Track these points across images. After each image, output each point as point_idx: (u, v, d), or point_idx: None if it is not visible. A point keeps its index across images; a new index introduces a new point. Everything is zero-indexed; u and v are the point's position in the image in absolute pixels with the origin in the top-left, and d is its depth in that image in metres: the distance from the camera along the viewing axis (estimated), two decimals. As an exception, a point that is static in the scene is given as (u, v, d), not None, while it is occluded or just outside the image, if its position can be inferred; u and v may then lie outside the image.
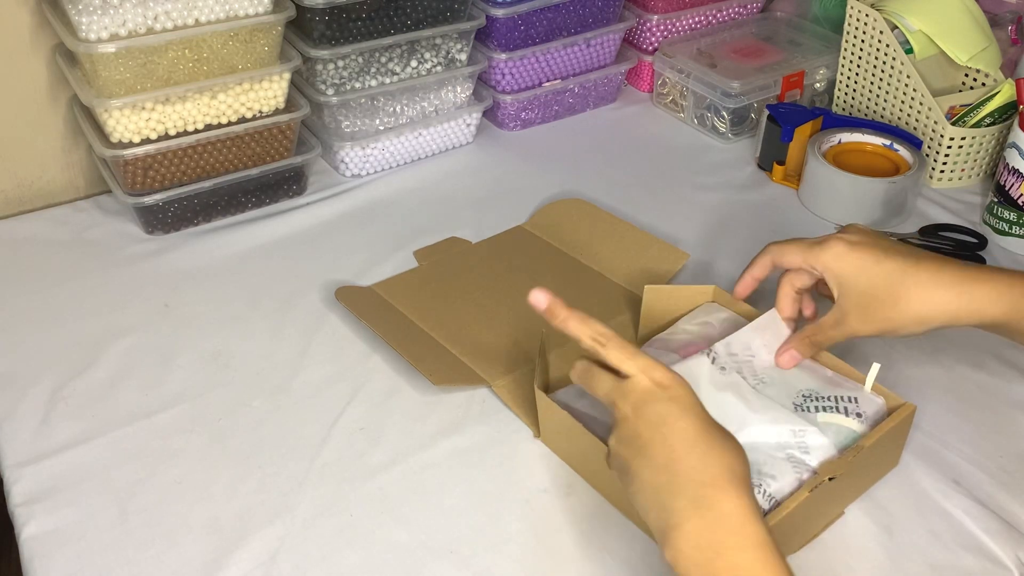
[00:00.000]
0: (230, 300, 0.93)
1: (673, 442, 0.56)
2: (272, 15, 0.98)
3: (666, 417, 0.57)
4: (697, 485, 0.54)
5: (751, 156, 1.19)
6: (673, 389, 0.58)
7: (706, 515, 0.53)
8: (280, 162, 1.06)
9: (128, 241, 1.02)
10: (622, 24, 1.25)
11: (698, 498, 0.54)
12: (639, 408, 0.58)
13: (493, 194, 1.11)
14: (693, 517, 0.53)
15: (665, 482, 0.55)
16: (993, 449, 0.77)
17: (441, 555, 0.68)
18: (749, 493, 0.55)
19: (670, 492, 0.55)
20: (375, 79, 1.09)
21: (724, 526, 0.53)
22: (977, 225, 1.06)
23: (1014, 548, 0.69)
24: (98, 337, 0.88)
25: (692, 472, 0.55)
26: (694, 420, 0.57)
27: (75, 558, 0.67)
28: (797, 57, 1.25)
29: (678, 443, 0.56)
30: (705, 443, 0.56)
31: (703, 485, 0.54)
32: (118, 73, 0.93)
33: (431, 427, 0.79)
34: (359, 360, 0.86)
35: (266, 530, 0.70)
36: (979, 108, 1.09)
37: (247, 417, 0.80)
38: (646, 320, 0.85)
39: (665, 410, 0.57)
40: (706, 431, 0.56)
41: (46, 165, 1.09)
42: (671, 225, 1.04)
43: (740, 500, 0.54)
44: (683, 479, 0.55)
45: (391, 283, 0.94)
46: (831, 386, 0.73)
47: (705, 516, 0.53)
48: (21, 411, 0.80)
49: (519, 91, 1.22)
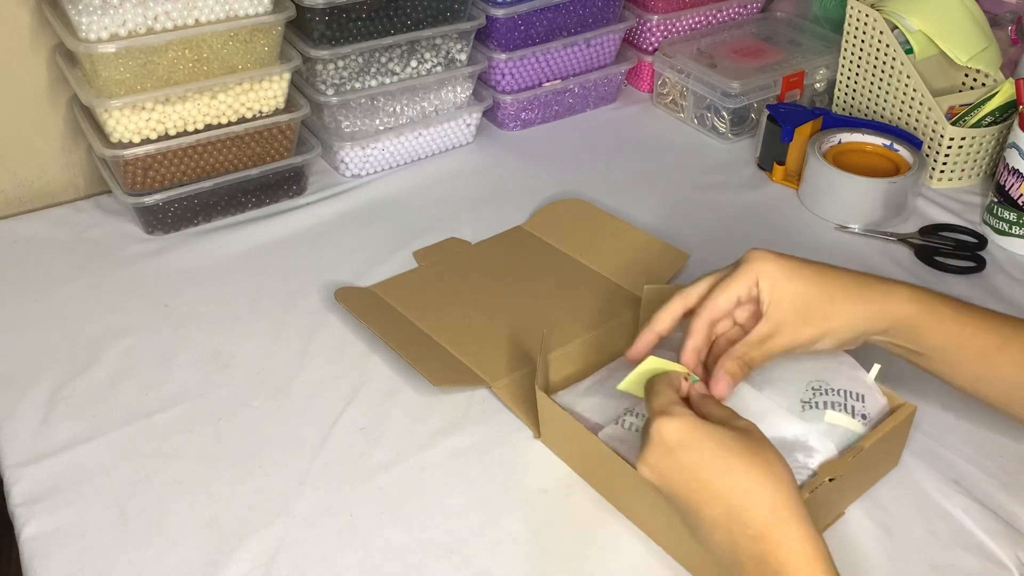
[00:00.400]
0: (230, 300, 0.93)
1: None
2: (272, 15, 0.98)
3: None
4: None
5: (751, 156, 1.19)
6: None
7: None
8: (280, 162, 1.06)
9: (128, 241, 1.02)
10: (622, 24, 1.25)
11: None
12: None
13: (493, 194, 1.11)
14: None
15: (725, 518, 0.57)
16: (993, 449, 0.77)
17: (441, 555, 0.68)
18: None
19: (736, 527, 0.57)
20: (375, 79, 1.09)
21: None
22: (977, 225, 1.06)
23: (1014, 548, 0.69)
24: (98, 337, 0.88)
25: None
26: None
27: (75, 558, 0.67)
28: (797, 57, 1.25)
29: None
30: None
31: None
32: (118, 73, 0.93)
33: (431, 427, 0.79)
34: (359, 360, 0.86)
35: (266, 530, 0.70)
36: (979, 108, 1.09)
37: (247, 417, 0.80)
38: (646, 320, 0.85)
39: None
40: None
41: (46, 165, 1.09)
42: (671, 225, 1.04)
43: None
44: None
45: (391, 284, 0.94)
46: (839, 375, 0.72)
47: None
48: (21, 411, 0.80)
49: (519, 91, 1.22)
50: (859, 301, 0.67)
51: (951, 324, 0.67)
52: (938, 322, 0.67)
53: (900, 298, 0.67)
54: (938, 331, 0.67)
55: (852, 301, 0.67)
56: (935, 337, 0.68)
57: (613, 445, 0.68)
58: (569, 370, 0.82)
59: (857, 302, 0.67)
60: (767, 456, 0.58)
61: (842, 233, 1.04)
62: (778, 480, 0.57)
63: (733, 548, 0.57)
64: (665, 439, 0.59)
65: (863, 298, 0.67)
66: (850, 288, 0.67)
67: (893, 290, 0.68)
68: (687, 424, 0.59)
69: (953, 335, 0.67)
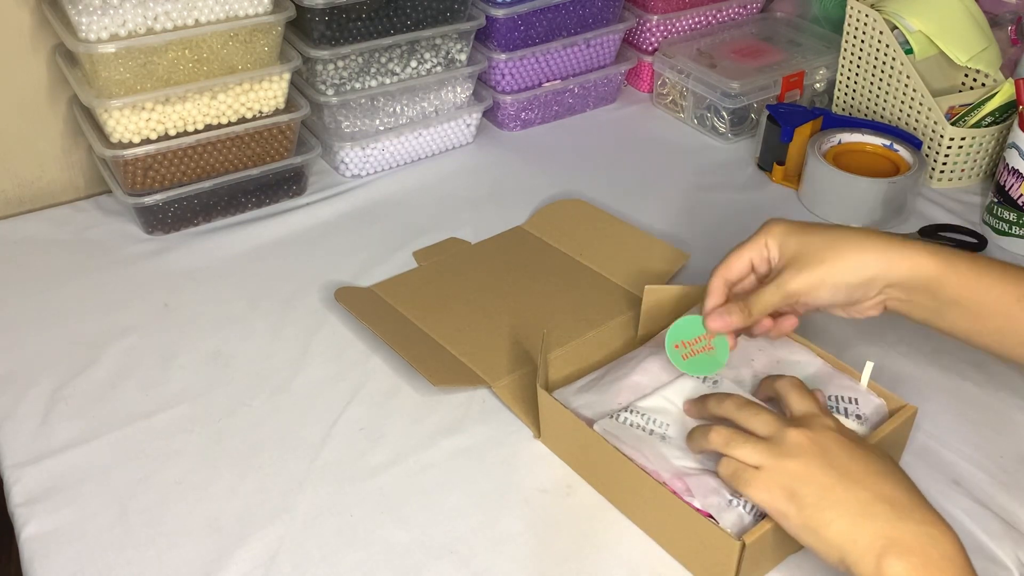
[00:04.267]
0: (230, 300, 0.93)
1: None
2: (272, 15, 0.98)
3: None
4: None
5: (751, 156, 1.19)
6: None
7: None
8: (280, 162, 1.06)
9: (128, 241, 1.02)
10: (622, 24, 1.25)
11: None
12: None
13: (493, 194, 1.11)
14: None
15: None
16: (993, 449, 0.77)
17: (441, 555, 0.68)
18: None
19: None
20: (375, 79, 1.09)
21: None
22: (977, 225, 1.06)
23: (1014, 548, 0.69)
24: (98, 337, 0.88)
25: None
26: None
27: (75, 558, 0.67)
28: (797, 57, 1.25)
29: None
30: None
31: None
32: (118, 73, 0.93)
33: (431, 427, 0.79)
34: (359, 360, 0.86)
35: (266, 530, 0.70)
36: (979, 108, 1.09)
37: (247, 417, 0.80)
38: (646, 320, 0.85)
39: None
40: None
41: (46, 165, 1.09)
42: (671, 225, 1.04)
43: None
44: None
45: (391, 284, 0.94)
46: (831, 383, 0.73)
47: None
48: (21, 411, 0.80)
49: (519, 91, 1.22)
50: (866, 249, 0.68)
51: (968, 276, 0.67)
52: (955, 274, 0.67)
53: (915, 251, 0.68)
54: (955, 284, 0.67)
55: (858, 248, 0.68)
56: (952, 289, 0.67)
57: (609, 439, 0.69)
58: (569, 370, 0.82)
59: (864, 250, 0.68)
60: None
61: (842, 233, 1.04)
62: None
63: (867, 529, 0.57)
64: (821, 441, 0.60)
65: (872, 247, 0.68)
66: (858, 238, 0.68)
67: (908, 243, 0.68)
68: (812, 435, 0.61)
69: (971, 287, 0.67)
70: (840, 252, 0.68)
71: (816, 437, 0.61)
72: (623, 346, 0.85)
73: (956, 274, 0.67)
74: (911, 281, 0.68)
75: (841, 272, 0.68)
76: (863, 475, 0.58)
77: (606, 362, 0.81)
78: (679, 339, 0.72)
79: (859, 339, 0.87)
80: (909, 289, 0.68)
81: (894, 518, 0.56)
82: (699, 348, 0.71)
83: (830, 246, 0.68)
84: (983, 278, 0.67)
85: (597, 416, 0.72)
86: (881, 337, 0.88)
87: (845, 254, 0.68)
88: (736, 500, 0.64)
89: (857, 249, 0.68)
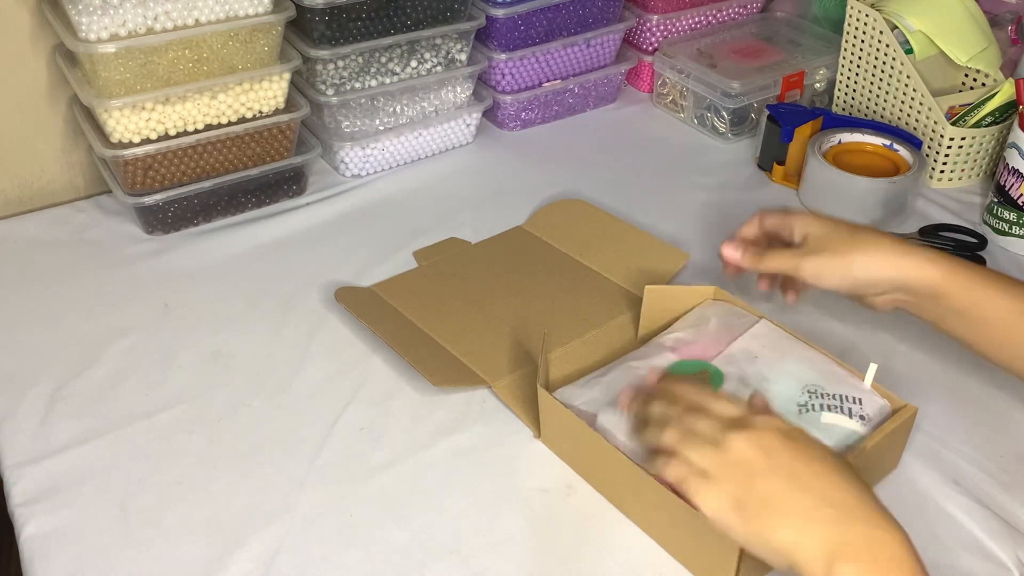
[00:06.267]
0: (230, 300, 0.93)
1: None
2: (272, 15, 0.98)
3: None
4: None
5: (751, 156, 1.19)
6: None
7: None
8: (280, 162, 1.06)
9: (128, 241, 1.02)
10: (622, 24, 1.25)
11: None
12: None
13: (493, 194, 1.11)
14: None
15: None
16: (993, 449, 0.77)
17: (441, 555, 0.68)
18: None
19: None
20: (375, 79, 1.09)
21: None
22: (977, 225, 1.06)
23: (1014, 548, 0.69)
24: (98, 337, 0.88)
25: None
26: None
27: (75, 558, 0.67)
28: (797, 57, 1.25)
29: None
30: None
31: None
32: (118, 73, 0.93)
33: (431, 427, 0.79)
34: (359, 360, 0.86)
35: (266, 530, 0.70)
36: (979, 108, 1.09)
37: (247, 417, 0.80)
38: (646, 320, 0.85)
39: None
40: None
41: (46, 165, 1.09)
42: (671, 225, 1.04)
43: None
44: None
45: (391, 284, 0.94)
46: (835, 381, 0.73)
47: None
48: (21, 411, 0.80)
49: (519, 91, 1.22)
50: (879, 250, 0.72)
51: (971, 287, 0.70)
52: (958, 285, 0.70)
53: (921, 259, 0.71)
54: (958, 294, 0.70)
55: (871, 249, 0.73)
56: (955, 299, 0.70)
57: (611, 430, 0.69)
58: (569, 370, 0.82)
59: (876, 251, 0.72)
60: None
61: (842, 233, 1.04)
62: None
63: (826, 527, 0.56)
64: (766, 445, 0.58)
65: (883, 250, 0.72)
66: (874, 240, 0.73)
67: (917, 251, 0.72)
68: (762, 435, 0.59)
69: (974, 298, 0.70)
70: (854, 248, 0.73)
71: (760, 439, 0.58)
72: (623, 346, 0.85)
73: (959, 284, 0.70)
74: (916, 287, 0.71)
75: (849, 266, 0.73)
76: (808, 477, 0.57)
77: (606, 362, 0.81)
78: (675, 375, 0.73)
79: (860, 340, 0.87)
80: (915, 294, 0.72)
81: (840, 522, 0.55)
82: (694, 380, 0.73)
83: (847, 241, 0.74)
84: (987, 290, 0.70)
85: (599, 412, 0.72)
86: (882, 338, 0.88)
87: (857, 251, 0.73)
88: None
89: (870, 250, 0.73)
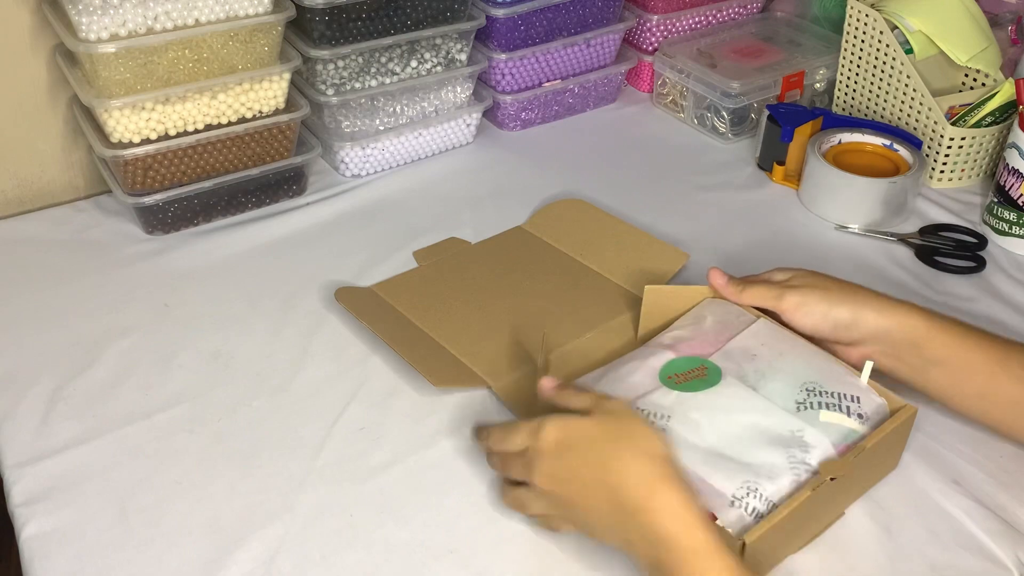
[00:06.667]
0: (230, 300, 0.93)
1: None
2: (272, 15, 0.98)
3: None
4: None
5: (751, 156, 1.19)
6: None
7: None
8: (280, 162, 1.06)
9: (128, 241, 1.02)
10: (622, 24, 1.25)
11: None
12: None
13: (493, 194, 1.11)
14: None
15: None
16: (993, 449, 0.77)
17: (441, 555, 0.68)
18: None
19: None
20: (375, 79, 1.09)
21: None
22: (977, 225, 1.06)
23: (1014, 548, 0.69)
24: (98, 337, 0.88)
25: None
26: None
27: (75, 558, 0.67)
28: (797, 57, 1.25)
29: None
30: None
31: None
32: (118, 73, 0.93)
33: (431, 427, 0.79)
34: (359, 360, 0.86)
35: (266, 530, 0.70)
36: (979, 108, 1.09)
37: (247, 417, 0.80)
38: (646, 320, 0.85)
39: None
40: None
41: (46, 165, 1.09)
42: (671, 225, 1.04)
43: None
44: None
45: (391, 283, 0.94)
46: (833, 379, 0.73)
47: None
48: (21, 411, 0.80)
49: (519, 91, 1.22)
50: (863, 297, 0.74)
51: (953, 336, 0.72)
52: (940, 333, 0.72)
53: (904, 309, 0.73)
54: (941, 343, 0.72)
55: (854, 293, 0.75)
56: (938, 349, 0.72)
57: None
58: (569, 370, 0.82)
59: (859, 296, 0.74)
60: (634, 431, 0.61)
61: (842, 233, 1.05)
62: (646, 453, 0.60)
63: (622, 529, 0.60)
64: (542, 448, 0.62)
65: (867, 297, 0.74)
66: (859, 290, 0.75)
67: (900, 302, 0.74)
68: (555, 425, 0.62)
69: (955, 347, 0.72)
70: (841, 290, 0.75)
71: (543, 468, 0.63)
72: (623, 346, 0.85)
73: (942, 332, 0.72)
74: (897, 334, 0.72)
75: (833, 303, 0.74)
76: (594, 484, 0.60)
77: (606, 362, 0.81)
78: (672, 372, 0.74)
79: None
80: (896, 343, 0.73)
81: (623, 523, 0.60)
82: (692, 376, 0.73)
83: (834, 283, 0.76)
84: (967, 339, 0.72)
85: None
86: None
87: (843, 292, 0.75)
88: (737, 500, 0.64)
89: (856, 294, 0.74)
